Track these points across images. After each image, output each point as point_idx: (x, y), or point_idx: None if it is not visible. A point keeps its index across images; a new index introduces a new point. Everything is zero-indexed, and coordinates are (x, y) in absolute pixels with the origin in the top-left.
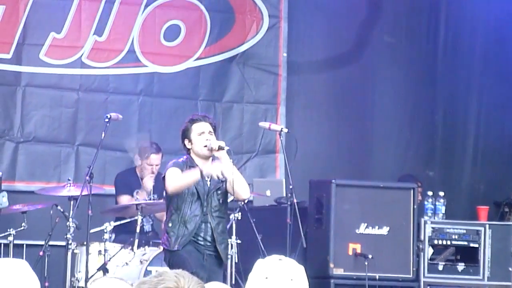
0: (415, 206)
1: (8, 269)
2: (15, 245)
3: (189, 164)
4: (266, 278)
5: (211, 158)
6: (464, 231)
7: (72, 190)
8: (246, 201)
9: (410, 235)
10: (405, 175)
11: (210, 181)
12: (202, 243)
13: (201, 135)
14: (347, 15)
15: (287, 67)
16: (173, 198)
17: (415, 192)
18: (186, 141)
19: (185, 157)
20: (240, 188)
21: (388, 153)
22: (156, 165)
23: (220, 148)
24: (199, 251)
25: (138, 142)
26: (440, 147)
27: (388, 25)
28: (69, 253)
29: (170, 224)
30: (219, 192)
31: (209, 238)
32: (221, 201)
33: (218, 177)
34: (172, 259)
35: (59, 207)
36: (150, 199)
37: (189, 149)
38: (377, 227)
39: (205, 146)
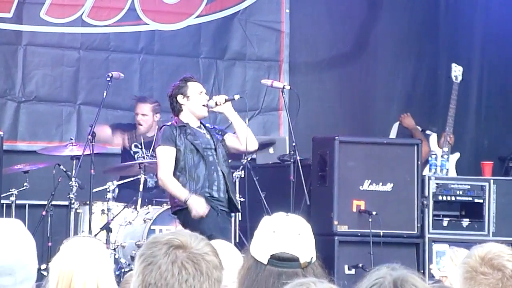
0: (419, 162)
1: (2, 229)
2: (17, 205)
3: (178, 128)
4: (274, 232)
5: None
6: (469, 187)
7: (74, 150)
8: (249, 158)
9: (414, 191)
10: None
11: (210, 135)
12: (216, 195)
13: (201, 94)
14: None
15: (290, 23)
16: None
17: (419, 148)
18: (180, 97)
19: (174, 121)
20: (250, 137)
21: (391, 109)
22: (143, 114)
23: (228, 100)
24: (214, 209)
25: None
26: (443, 103)
27: None
28: (72, 213)
29: None
30: (221, 144)
31: (222, 187)
32: (226, 152)
33: (227, 100)
34: (186, 219)
35: (61, 167)
36: (151, 157)
37: (181, 106)
38: (381, 183)
39: (205, 105)
